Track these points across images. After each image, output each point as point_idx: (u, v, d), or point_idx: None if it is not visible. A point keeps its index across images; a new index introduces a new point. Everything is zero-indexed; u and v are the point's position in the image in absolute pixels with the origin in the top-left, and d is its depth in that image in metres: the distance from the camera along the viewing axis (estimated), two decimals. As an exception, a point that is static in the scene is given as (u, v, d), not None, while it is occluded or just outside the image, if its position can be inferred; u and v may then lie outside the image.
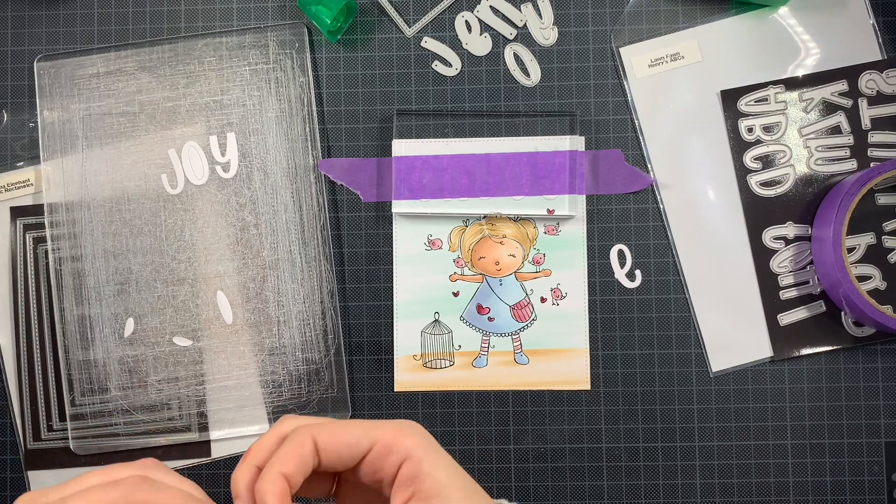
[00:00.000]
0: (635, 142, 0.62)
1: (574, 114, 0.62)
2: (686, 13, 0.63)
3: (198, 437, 0.61)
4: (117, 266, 0.62)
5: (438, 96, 0.63)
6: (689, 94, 0.62)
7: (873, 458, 0.61)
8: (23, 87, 0.64)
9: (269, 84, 0.63)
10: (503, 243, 0.62)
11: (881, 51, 0.62)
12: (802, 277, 0.61)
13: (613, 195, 0.62)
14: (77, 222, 0.62)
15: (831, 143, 0.61)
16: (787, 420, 0.61)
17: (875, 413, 0.61)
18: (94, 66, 0.63)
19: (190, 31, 0.63)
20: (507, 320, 0.62)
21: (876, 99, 0.61)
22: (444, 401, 0.62)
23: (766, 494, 0.61)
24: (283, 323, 0.62)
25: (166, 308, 0.62)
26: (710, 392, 0.61)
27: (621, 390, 0.61)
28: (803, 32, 0.62)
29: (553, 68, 0.63)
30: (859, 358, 0.61)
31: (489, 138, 0.62)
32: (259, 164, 0.62)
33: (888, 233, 0.61)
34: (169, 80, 0.63)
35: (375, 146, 0.63)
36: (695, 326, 0.61)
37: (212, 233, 0.62)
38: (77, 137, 0.62)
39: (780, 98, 0.62)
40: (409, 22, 0.63)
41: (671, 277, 0.62)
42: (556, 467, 0.61)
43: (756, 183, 0.62)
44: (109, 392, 0.62)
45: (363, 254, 0.62)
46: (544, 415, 0.62)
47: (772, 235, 0.61)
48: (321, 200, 0.62)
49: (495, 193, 0.61)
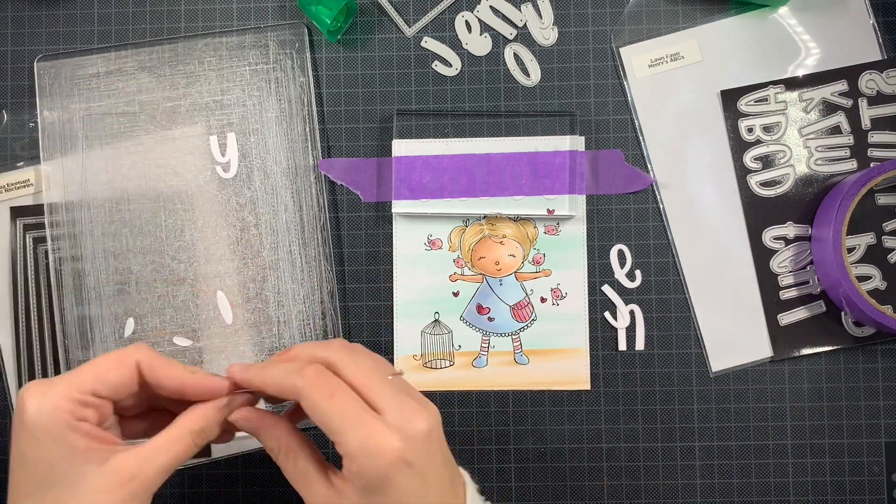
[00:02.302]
0: (635, 142, 0.62)
1: (574, 114, 0.62)
2: (686, 13, 0.63)
3: (198, 437, 0.61)
4: (117, 266, 0.62)
5: (438, 96, 0.63)
6: (689, 94, 0.62)
7: (873, 458, 0.61)
8: (23, 87, 0.64)
9: (269, 84, 0.63)
10: (503, 243, 0.62)
11: (881, 51, 0.62)
12: (802, 277, 0.61)
13: (613, 195, 0.62)
14: (77, 222, 0.62)
15: (831, 143, 0.61)
16: (787, 420, 0.61)
17: (875, 413, 0.61)
18: (94, 66, 0.63)
19: (190, 31, 0.63)
20: (507, 320, 0.62)
21: (876, 99, 0.61)
22: (444, 401, 0.62)
23: (766, 494, 0.61)
24: (283, 323, 0.62)
25: (166, 308, 0.62)
26: (710, 392, 0.61)
27: (621, 390, 0.61)
28: (803, 32, 0.62)
29: (553, 68, 0.63)
30: (859, 358, 0.61)
31: (489, 138, 0.62)
32: (259, 164, 0.62)
33: (888, 233, 0.61)
34: (169, 80, 0.63)
35: (375, 146, 0.63)
36: (695, 326, 0.61)
37: (212, 233, 0.62)
38: (77, 137, 0.62)
39: (780, 98, 0.62)
40: (409, 22, 0.63)
41: (671, 277, 0.62)
42: (556, 467, 0.61)
43: (756, 183, 0.62)
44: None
45: (363, 254, 0.62)
46: (544, 415, 0.62)
47: (772, 235, 0.61)
48: (321, 200, 0.62)
49: (495, 193, 0.62)
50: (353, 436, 0.42)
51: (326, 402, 0.42)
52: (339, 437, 0.42)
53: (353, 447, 0.42)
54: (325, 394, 0.43)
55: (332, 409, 0.42)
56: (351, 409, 0.42)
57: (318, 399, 0.42)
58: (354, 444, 0.42)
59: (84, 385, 0.43)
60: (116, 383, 0.44)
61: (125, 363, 0.45)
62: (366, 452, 0.41)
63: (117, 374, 0.44)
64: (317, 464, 0.45)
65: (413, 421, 0.43)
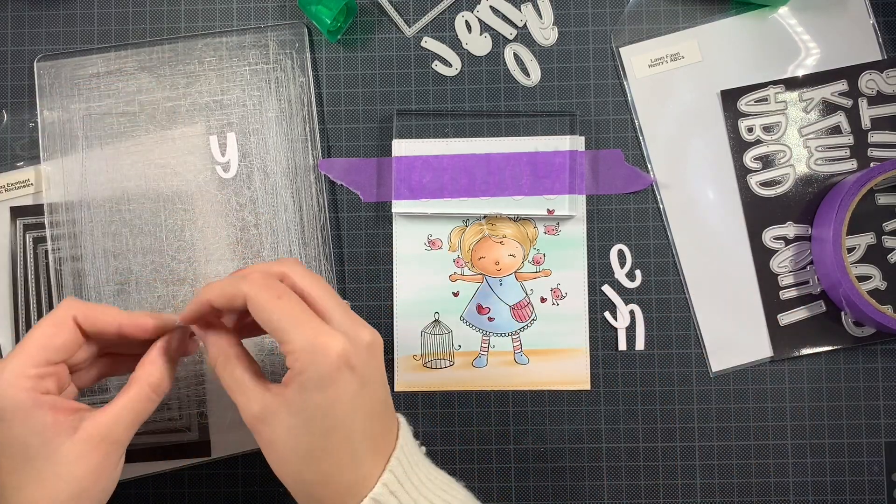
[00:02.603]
0: (635, 142, 0.62)
1: (574, 114, 0.62)
2: (686, 13, 0.63)
3: (198, 437, 0.61)
4: (117, 266, 0.62)
5: (438, 96, 0.63)
6: (689, 94, 0.62)
7: (873, 458, 0.61)
8: (23, 87, 0.64)
9: (269, 84, 0.63)
10: (503, 243, 0.62)
11: (881, 51, 0.62)
12: (802, 277, 0.61)
13: (613, 195, 0.62)
14: (77, 222, 0.62)
15: (831, 143, 0.61)
16: (787, 420, 0.61)
17: (875, 413, 0.61)
18: (94, 66, 0.63)
19: (190, 31, 0.63)
20: (507, 320, 0.62)
21: (876, 99, 0.61)
22: (444, 401, 0.62)
23: (766, 494, 0.61)
24: (283, 323, 0.62)
25: (166, 308, 0.62)
26: (710, 392, 0.61)
27: (621, 390, 0.61)
28: (803, 32, 0.62)
29: (553, 68, 0.63)
30: (859, 358, 0.61)
31: (489, 138, 0.62)
32: (259, 164, 0.62)
33: (888, 233, 0.61)
34: (169, 80, 0.63)
35: (375, 146, 0.63)
36: (695, 326, 0.61)
37: (212, 233, 0.62)
38: (77, 137, 0.62)
39: (780, 98, 0.62)
40: (409, 22, 0.63)
41: (671, 277, 0.62)
42: (556, 467, 0.61)
43: (756, 183, 0.62)
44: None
45: (363, 254, 0.62)
46: (544, 415, 0.62)
47: (772, 235, 0.61)
48: (321, 200, 0.62)
49: (495, 193, 0.62)
50: (299, 333, 0.42)
51: (273, 303, 0.43)
52: (284, 334, 0.43)
53: (299, 345, 0.42)
54: (272, 295, 0.43)
55: (280, 309, 0.43)
56: (298, 310, 0.43)
57: (266, 300, 0.43)
58: (300, 341, 0.42)
59: (36, 358, 0.45)
60: (64, 344, 0.46)
61: (65, 323, 0.46)
62: (311, 349, 0.42)
63: (61, 337, 0.46)
64: (254, 374, 0.46)
65: (358, 331, 0.45)
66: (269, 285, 0.44)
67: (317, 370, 0.42)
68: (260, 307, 0.43)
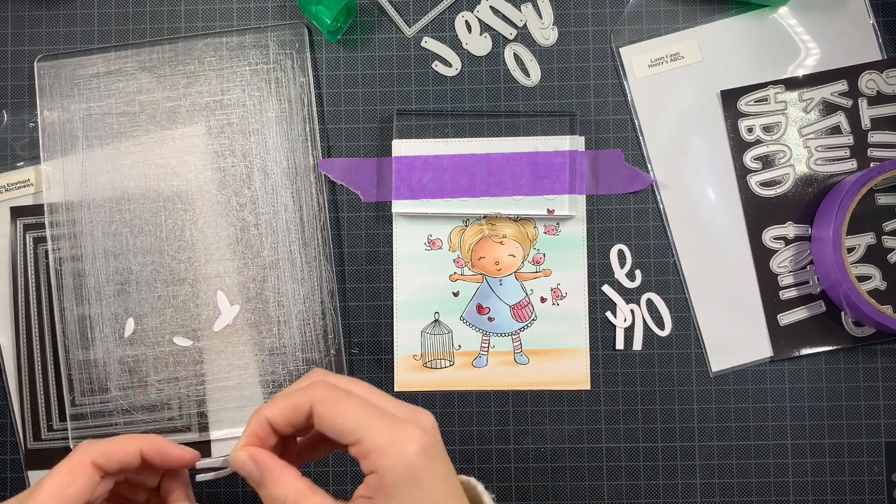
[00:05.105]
0: (635, 142, 0.62)
1: (574, 114, 0.62)
2: (686, 13, 0.63)
3: (198, 437, 0.61)
4: (117, 266, 0.62)
5: (438, 96, 0.63)
6: (688, 94, 0.62)
7: (873, 458, 0.61)
8: (23, 87, 0.64)
9: (269, 84, 0.63)
10: (503, 243, 0.62)
11: (881, 51, 0.62)
12: (802, 277, 0.61)
13: (613, 195, 0.62)
14: (77, 222, 0.62)
15: (831, 143, 0.61)
16: (787, 420, 0.61)
17: (875, 413, 0.61)
18: (94, 66, 0.63)
19: (190, 31, 0.63)
20: (507, 320, 0.62)
21: (876, 99, 0.61)
22: (444, 401, 0.62)
23: (766, 494, 0.61)
24: (283, 323, 0.62)
25: (166, 308, 0.62)
26: (710, 392, 0.61)
27: (621, 390, 0.61)
28: (803, 32, 0.62)
29: (553, 68, 0.63)
30: (859, 358, 0.61)
31: (489, 138, 0.62)
32: (259, 164, 0.62)
33: (888, 233, 0.61)
34: (169, 80, 0.63)
35: (375, 146, 0.63)
36: (695, 326, 0.61)
37: (212, 233, 0.62)
38: (77, 137, 0.62)
39: (780, 98, 0.62)
40: (409, 22, 0.63)
41: (671, 277, 0.62)
42: (556, 467, 0.61)
43: (756, 183, 0.62)
44: (109, 392, 0.62)
45: (363, 254, 0.62)
46: (544, 415, 0.62)
47: (772, 235, 0.61)
48: (321, 200, 0.62)
49: (495, 193, 0.62)
50: (374, 430, 0.40)
51: (343, 402, 0.41)
52: (361, 433, 0.40)
53: (381, 439, 0.40)
54: (340, 395, 0.42)
55: (353, 408, 0.41)
56: (368, 407, 0.41)
57: (335, 401, 0.41)
58: (378, 438, 0.40)
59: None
60: (78, 492, 0.42)
61: (80, 469, 0.42)
62: (394, 441, 0.40)
63: (76, 485, 0.42)
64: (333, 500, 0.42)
65: (420, 416, 0.43)
66: (332, 389, 0.42)
67: (404, 464, 0.40)
68: (330, 410, 0.41)
